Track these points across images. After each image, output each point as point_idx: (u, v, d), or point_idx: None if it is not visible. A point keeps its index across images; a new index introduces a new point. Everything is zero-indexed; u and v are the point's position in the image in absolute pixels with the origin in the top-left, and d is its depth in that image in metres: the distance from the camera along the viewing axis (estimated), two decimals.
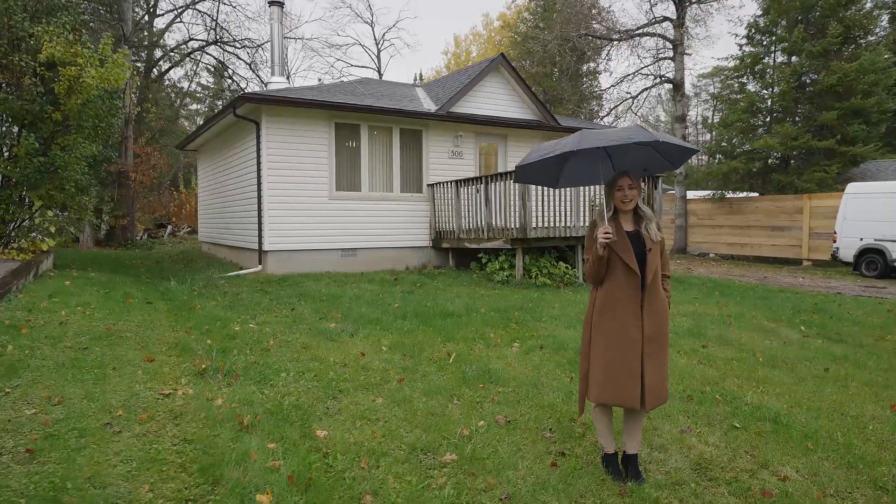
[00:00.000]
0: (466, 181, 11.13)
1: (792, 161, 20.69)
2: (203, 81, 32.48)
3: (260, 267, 10.89)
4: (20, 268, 7.31)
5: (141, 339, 5.49)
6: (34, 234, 9.33)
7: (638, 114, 22.18)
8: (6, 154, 8.42)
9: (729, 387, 4.75)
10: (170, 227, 22.31)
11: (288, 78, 36.01)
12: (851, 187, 15.00)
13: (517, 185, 9.87)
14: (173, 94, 24.09)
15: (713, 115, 37.12)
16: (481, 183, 10.68)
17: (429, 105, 12.65)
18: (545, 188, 10.22)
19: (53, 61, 8.28)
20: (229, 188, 13.26)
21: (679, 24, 21.61)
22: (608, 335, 3.06)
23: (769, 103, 20.67)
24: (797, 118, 20.23)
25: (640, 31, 22.44)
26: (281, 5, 12.55)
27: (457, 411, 4.08)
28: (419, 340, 6.05)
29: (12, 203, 8.51)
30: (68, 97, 8.58)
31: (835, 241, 15.15)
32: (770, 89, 20.58)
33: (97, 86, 8.58)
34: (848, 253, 14.74)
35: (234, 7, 20.91)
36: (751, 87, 21.84)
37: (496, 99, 13.18)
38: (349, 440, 3.54)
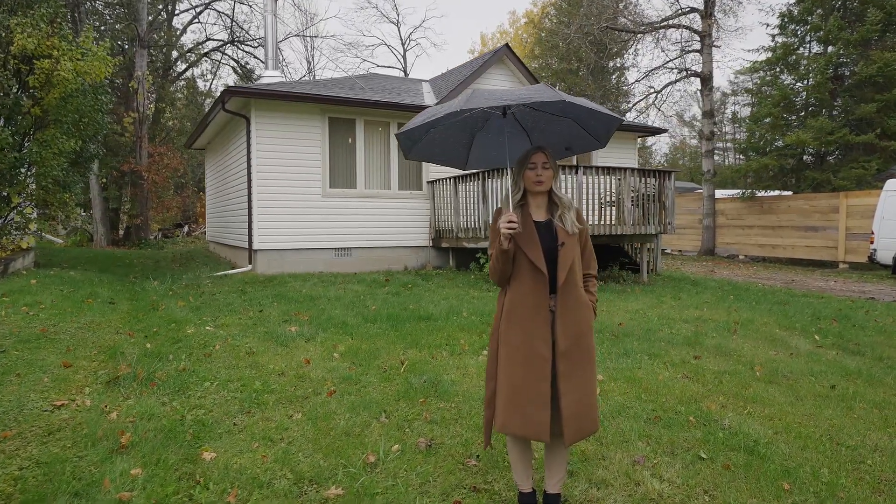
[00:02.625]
0: (465, 177, 10.58)
1: (829, 157, 19.48)
2: (230, 81, 32.69)
3: (250, 266, 10.55)
4: None
5: (74, 343, 5.13)
6: (18, 231, 9.14)
7: (661, 108, 21.19)
8: None
9: (710, 406, 4.10)
10: (186, 227, 22.36)
11: (311, 73, 36.05)
12: (891, 184, 13.87)
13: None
14: (188, 93, 24.17)
15: (751, 111, 35.57)
16: (478, 179, 10.11)
17: (430, 99, 12.15)
18: None
19: (27, 54, 8.06)
20: (227, 186, 13.01)
21: (707, 14, 20.59)
22: (512, 350, 2.49)
23: (803, 96, 19.49)
24: (834, 111, 19.01)
25: (666, 22, 21.47)
26: None
27: (378, 431, 3.55)
28: (378, 346, 5.54)
29: None
30: (46, 91, 8.36)
31: (872, 242, 14.04)
32: (804, 81, 19.40)
33: (74, 79, 8.32)
34: (886, 255, 13.64)
35: (252, 7, 20.74)
36: (785, 79, 20.66)
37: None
38: (234, 465, 3.05)
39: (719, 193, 21.83)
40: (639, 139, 30.47)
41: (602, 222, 10.17)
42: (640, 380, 4.68)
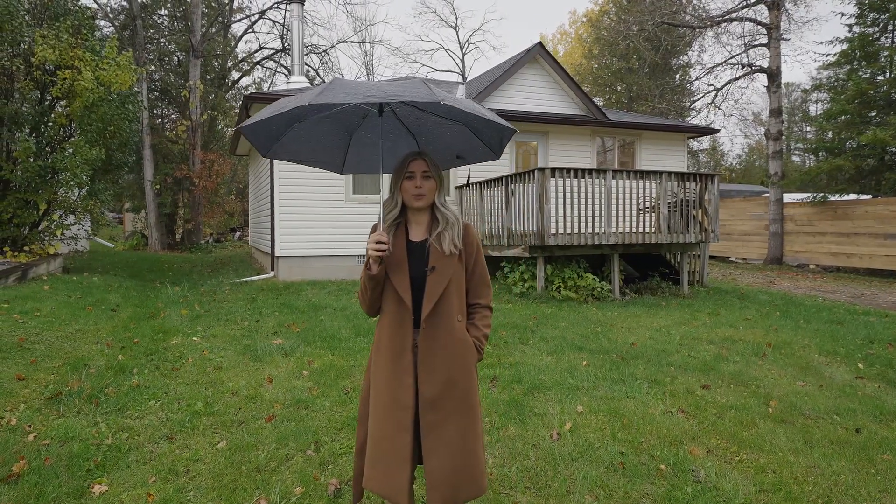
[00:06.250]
0: (490, 182, 10.13)
1: None
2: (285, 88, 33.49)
3: (272, 273, 10.50)
4: (0, 272, 7.26)
5: (46, 353, 5.07)
6: (49, 237, 9.44)
7: (721, 107, 19.87)
8: (5, 157, 8.50)
9: (693, 451, 3.51)
10: (238, 232, 22.97)
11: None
12: None
13: (535, 186, 8.75)
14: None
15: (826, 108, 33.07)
16: (502, 184, 9.65)
17: None
18: (567, 189, 9.01)
19: (51, 64, 8.28)
20: (260, 192, 13.12)
21: (775, 5, 19.15)
22: (377, 394, 2.09)
23: (884, 90, 17.75)
24: None
25: (729, 16, 20.15)
26: (301, 3, 12.21)
27: (296, 467, 3.21)
28: (354, 364, 5.22)
29: (19, 207, 8.58)
30: (70, 100, 8.57)
31: None
32: (885, 74, 17.69)
33: (96, 88, 8.49)
34: None
35: (304, 15, 20.98)
36: (864, 73, 18.90)
37: (535, 92, 12.03)
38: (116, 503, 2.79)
39: (787, 198, 20.26)
40: (693, 140, 28.84)
41: (636, 230, 9.46)
42: (624, 413, 4.12)
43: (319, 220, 10.44)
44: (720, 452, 3.54)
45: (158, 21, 20.76)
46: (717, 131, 15.74)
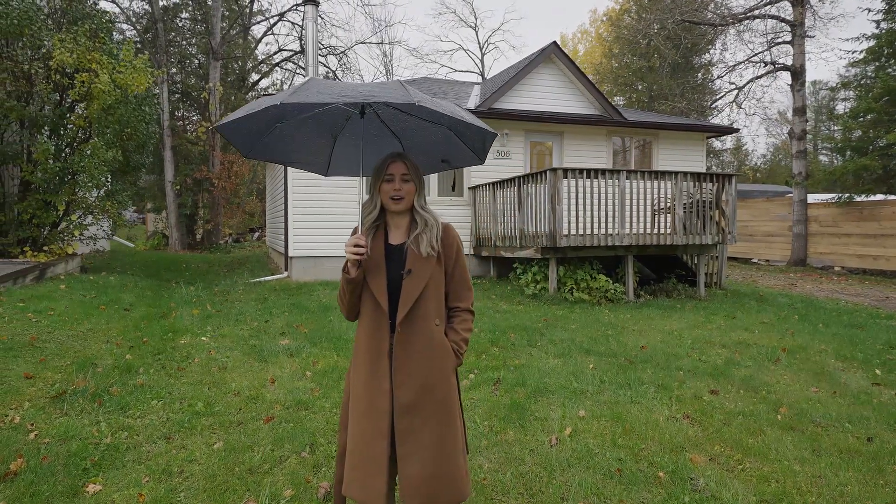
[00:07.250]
0: (503, 183, 10.07)
1: None
2: None
3: (286, 273, 10.57)
4: (18, 271, 7.40)
5: (56, 352, 5.15)
6: (69, 237, 9.61)
7: (743, 106, 19.51)
8: (25, 158, 8.67)
9: (695, 459, 3.42)
10: (257, 232, 23.24)
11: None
12: None
13: (547, 187, 8.67)
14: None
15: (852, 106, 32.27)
16: (514, 185, 9.58)
17: (474, 102, 11.71)
18: (580, 190, 8.91)
19: (67, 68, 8.43)
20: (275, 193, 13.24)
21: (799, 2, 18.75)
22: (355, 400, 2.07)
23: None
24: None
25: (752, 13, 19.79)
26: (316, 4, 12.26)
27: (289, 469, 3.21)
28: None
29: (39, 207, 8.76)
30: (88, 103, 8.72)
31: None
32: None
33: (113, 91, 8.61)
34: None
35: (322, 17, 21.16)
36: (892, 71, 18.40)
37: (550, 92, 11.92)
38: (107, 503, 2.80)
39: (811, 198, 19.84)
40: (716, 140, 28.28)
41: (651, 231, 9.32)
42: (627, 418, 4.04)
43: (332, 220, 10.47)
44: (723, 460, 3.45)
45: (179, 24, 21.10)
46: (737, 130, 15.47)
